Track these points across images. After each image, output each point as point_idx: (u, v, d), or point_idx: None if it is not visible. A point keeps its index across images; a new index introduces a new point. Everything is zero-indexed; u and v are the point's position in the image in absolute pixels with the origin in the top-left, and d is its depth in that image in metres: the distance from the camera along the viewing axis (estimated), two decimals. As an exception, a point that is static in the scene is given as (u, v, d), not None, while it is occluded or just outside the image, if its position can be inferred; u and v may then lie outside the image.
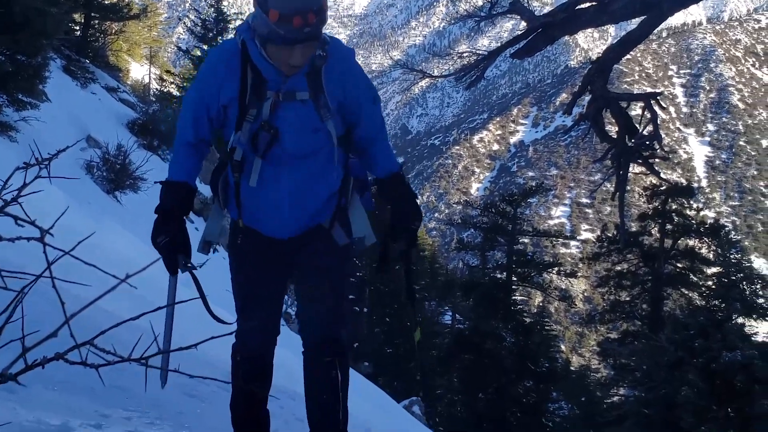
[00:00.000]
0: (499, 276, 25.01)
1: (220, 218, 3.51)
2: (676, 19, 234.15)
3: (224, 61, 3.09)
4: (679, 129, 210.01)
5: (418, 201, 3.44)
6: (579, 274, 30.58)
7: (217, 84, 3.08)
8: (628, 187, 8.15)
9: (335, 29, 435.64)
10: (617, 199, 8.11)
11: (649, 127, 7.30)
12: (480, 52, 7.76)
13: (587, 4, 7.21)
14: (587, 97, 8.30)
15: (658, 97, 7.57)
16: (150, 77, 35.88)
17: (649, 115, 7.21)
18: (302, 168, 3.19)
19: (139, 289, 4.28)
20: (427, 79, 10.67)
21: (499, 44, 7.69)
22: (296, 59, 2.91)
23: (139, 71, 38.99)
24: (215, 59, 3.14)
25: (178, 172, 3.22)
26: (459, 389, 25.63)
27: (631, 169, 7.73)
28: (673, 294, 24.68)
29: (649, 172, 7.68)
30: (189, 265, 3.14)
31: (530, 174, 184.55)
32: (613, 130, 7.71)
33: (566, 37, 8.18)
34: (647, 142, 7.39)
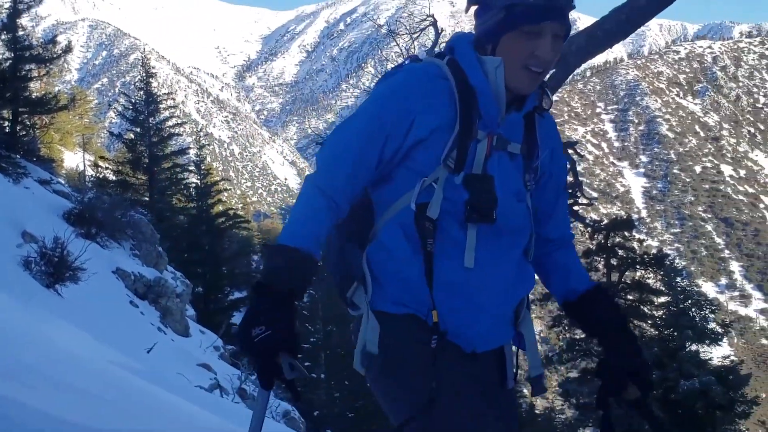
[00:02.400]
0: (453, 327, 24.92)
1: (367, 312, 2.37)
2: (599, 59, 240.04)
3: (423, 85, 2.22)
4: (613, 163, 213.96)
5: None
6: (533, 315, 30.72)
7: (408, 115, 2.19)
8: (572, 223, 8.24)
9: (268, 98, 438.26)
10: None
11: (569, 176, 7.43)
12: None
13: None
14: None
15: (575, 146, 7.73)
16: (84, 164, 35.60)
17: (568, 164, 7.36)
18: (514, 250, 2.32)
19: (92, 390, 4.22)
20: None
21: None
22: (545, 50, 2.14)
23: (73, 159, 38.68)
24: (411, 81, 2.24)
25: (304, 236, 2.15)
26: None
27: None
28: (627, 327, 24.88)
29: (574, 219, 7.81)
30: (296, 371, 2.13)
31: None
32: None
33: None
34: (570, 191, 7.52)
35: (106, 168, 26.80)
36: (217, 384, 10.06)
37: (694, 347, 18.01)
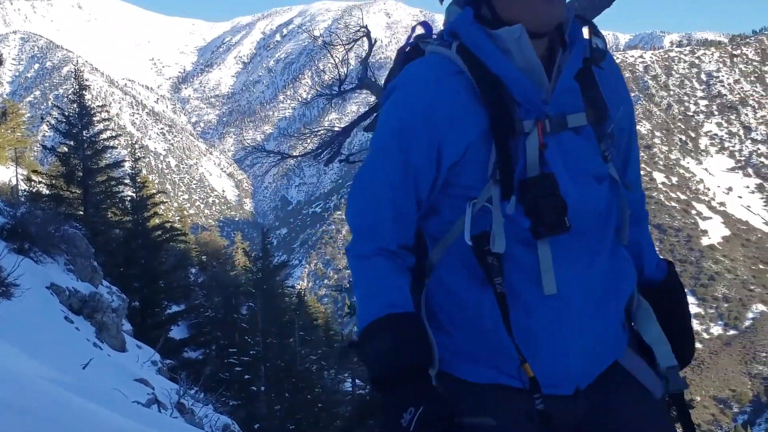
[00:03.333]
0: (393, 337, 24.99)
1: None
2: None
3: (433, 98, 1.81)
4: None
5: None
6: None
7: (430, 146, 1.81)
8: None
9: (204, 110, 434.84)
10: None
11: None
12: (334, 129, 7.94)
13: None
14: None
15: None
16: (17, 179, 34.93)
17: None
18: (603, 246, 1.86)
19: (28, 407, 4.17)
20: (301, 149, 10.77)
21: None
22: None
23: (5, 174, 37.89)
24: (418, 100, 1.83)
25: (394, 300, 1.79)
26: (367, 457, 25.37)
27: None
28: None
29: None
30: None
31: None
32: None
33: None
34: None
35: (40, 182, 26.32)
36: (155, 399, 9.95)
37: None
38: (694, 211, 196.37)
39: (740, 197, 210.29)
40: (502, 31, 1.77)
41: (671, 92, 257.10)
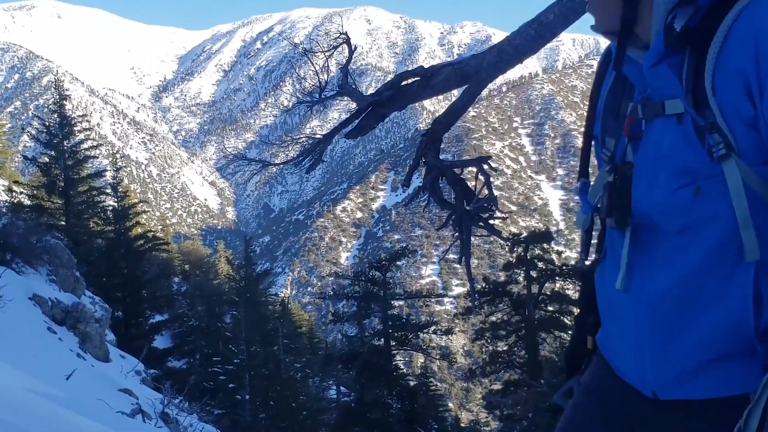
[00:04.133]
0: (377, 343, 25.07)
1: None
2: (514, 73, 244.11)
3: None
4: (531, 177, 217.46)
5: None
6: (456, 329, 31.09)
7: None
8: (491, 238, 8.46)
9: (185, 119, 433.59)
10: (463, 263, 8.34)
11: (484, 190, 7.60)
12: (316, 136, 7.95)
13: (411, 80, 7.50)
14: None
15: (489, 161, 7.92)
16: (-3, 189, 34.72)
17: (482, 179, 7.53)
18: (681, 256, 1.66)
19: (11, 420, 4.16)
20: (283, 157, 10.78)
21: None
22: None
23: (-15, 184, 37.68)
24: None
25: None
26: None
27: (474, 231, 8.02)
28: (548, 338, 25.34)
29: (490, 234, 8.00)
30: None
31: (396, 237, 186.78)
32: (452, 196, 8.00)
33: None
34: (484, 205, 7.68)
35: (21, 193, 26.21)
36: (140, 409, 9.93)
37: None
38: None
39: None
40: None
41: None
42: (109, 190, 27.18)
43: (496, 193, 8.05)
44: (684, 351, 1.66)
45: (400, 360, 26.50)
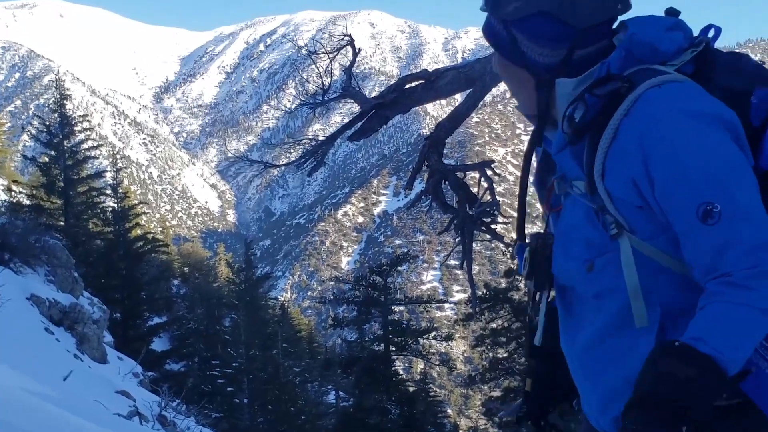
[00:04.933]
0: (377, 348, 24.98)
1: None
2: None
3: None
4: (533, 184, 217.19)
5: None
6: (456, 335, 31.00)
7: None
8: (493, 245, 8.41)
9: (187, 120, 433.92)
10: (465, 267, 8.31)
11: (487, 195, 7.55)
12: (318, 138, 7.89)
13: (415, 83, 7.45)
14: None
15: (492, 165, 7.88)
16: (-3, 188, 34.71)
17: (485, 184, 7.48)
18: (589, 320, 1.91)
19: (8, 419, 4.09)
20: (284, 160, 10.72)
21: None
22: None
23: (-15, 184, 37.65)
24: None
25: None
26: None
27: (476, 236, 7.98)
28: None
29: (493, 239, 7.94)
30: None
31: (397, 242, 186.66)
32: (455, 200, 7.97)
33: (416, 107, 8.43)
34: (487, 209, 7.64)
35: (20, 192, 26.18)
36: (137, 411, 9.86)
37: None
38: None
39: None
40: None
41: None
42: (109, 191, 27.16)
43: (498, 199, 7.99)
44: (599, 398, 1.93)
45: (400, 366, 26.38)
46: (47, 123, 26.01)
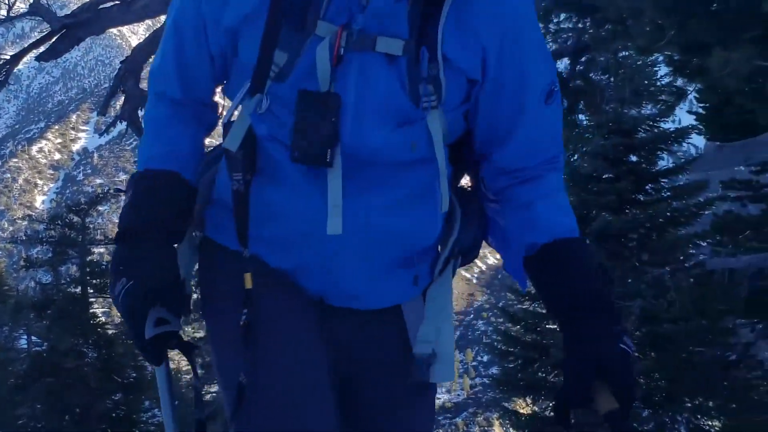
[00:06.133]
0: (73, 291, 24.16)
1: (191, 242, 1.82)
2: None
3: None
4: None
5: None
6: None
7: None
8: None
9: None
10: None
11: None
12: (2, 56, 7.34)
13: (110, 4, 7.10)
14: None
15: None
16: None
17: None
18: (386, 187, 1.61)
19: None
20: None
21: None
22: None
23: None
24: None
25: (157, 155, 1.67)
26: (42, 416, 24.49)
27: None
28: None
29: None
30: (161, 327, 1.58)
31: (98, 181, 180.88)
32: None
33: (119, 40, 8.02)
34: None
35: None
36: None
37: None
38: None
39: None
40: None
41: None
42: None
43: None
44: (382, 261, 1.69)
45: (99, 308, 25.67)
46: None
